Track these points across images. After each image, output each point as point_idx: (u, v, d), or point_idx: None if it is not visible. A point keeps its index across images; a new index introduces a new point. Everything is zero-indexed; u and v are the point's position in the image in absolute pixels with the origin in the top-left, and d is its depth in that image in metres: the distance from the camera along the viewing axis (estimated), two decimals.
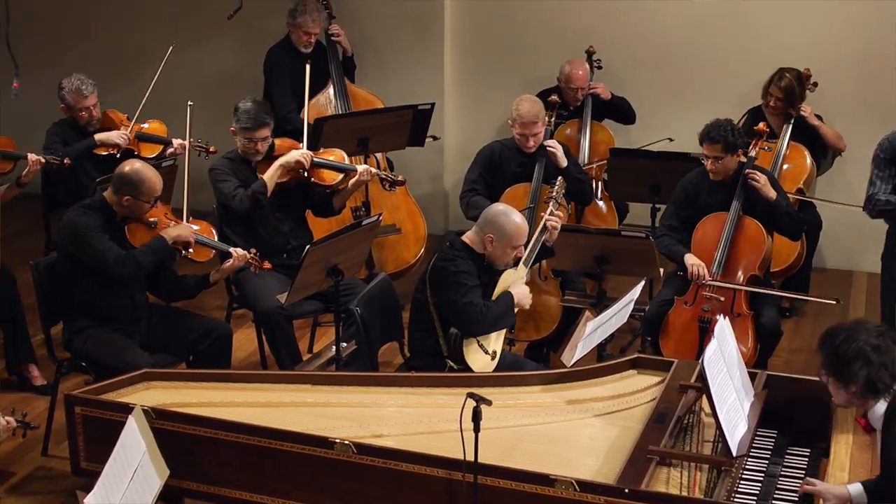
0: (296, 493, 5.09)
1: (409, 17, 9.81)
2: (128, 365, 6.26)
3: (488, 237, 6.28)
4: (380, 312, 6.63)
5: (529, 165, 7.74)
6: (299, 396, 5.55)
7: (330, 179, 7.50)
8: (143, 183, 6.62)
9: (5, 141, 7.78)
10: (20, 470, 6.85)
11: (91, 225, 6.61)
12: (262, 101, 7.48)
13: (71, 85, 7.98)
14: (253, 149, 7.36)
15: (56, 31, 10.45)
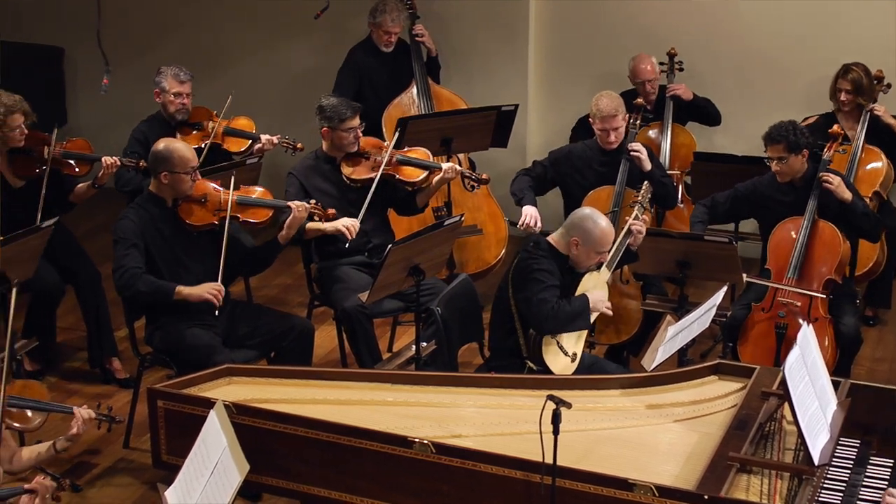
0: (374, 491, 5.10)
1: (494, 19, 9.80)
2: (209, 360, 6.32)
3: (574, 240, 6.27)
4: (460, 313, 6.64)
5: (611, 166, 7.70)
6: (379, 395, 5.57)
7: (414, 177, 7.51)
8: (172, 154, 6.72)
9: (82, 143, 7.84)
10: (102, 461, 6.93)
11: (124, 230, 6.71)
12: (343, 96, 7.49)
13: (170, 69, 8.05)
14: (350, 139, 7.38)
15: (145, 28, 10.55)
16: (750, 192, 7.42)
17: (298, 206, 6.90)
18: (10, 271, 6.79)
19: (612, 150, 7.72)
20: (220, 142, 8.09)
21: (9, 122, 7.45)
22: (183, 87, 8.07)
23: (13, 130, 7.47)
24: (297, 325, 6.91)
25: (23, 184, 7.61)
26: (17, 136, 7.50)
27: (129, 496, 6.61)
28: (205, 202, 6.84)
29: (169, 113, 8.11)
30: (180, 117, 8.12)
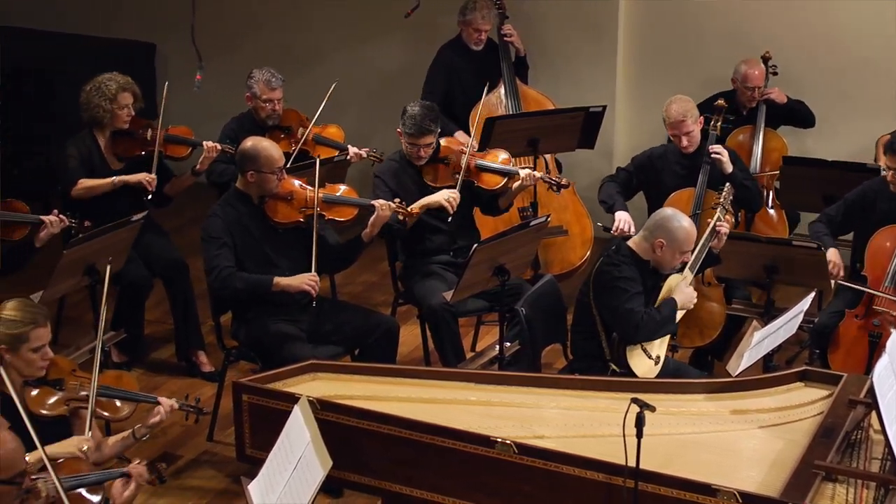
0: (455, 489, 5.10)
1: (582, 19, 9.76)
2: (294, 356, 6.35)
3: (658, 242, 6.23)
4: (544, 313, 6.63)
5: (691, 168, 7.66)
6: (462, 394, 5.57)
7: (493, 184, 7.48)
8: (260, 154, 6.77)
9: (184, 129, 7.97)
10: (186, 454, 7.00)
11: (213, 228, 6.78)
12: (430, 105, 7.48)
13: (261, 75, 8.12)
14: (416, 154, 7.39)
15: (236, 25, 10.63)
16: (860, 199, 7.32)
17: (382, 205, 6.93)
18: (101, 264, 6.88)
19: (691, 153, 7.68)
20: (310, 149, 8.14)
21: (119, 99, 7.61)
22: (274, 94, 8.14)
23: (122, 109, 7.62)
24: (382, 322, 6.93)
25: (122, 166, 7.74)
26: (124, 116, 7.65)
27: (212, 489, 6.67)
28: (291, 200, 6.88)
29: (260, 117, 8.19)
30: (271, 122, 8.19)
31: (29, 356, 5.11)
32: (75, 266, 6.80)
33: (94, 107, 7.64)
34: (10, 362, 5.11)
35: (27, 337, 5.09)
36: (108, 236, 6.87)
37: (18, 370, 5.14)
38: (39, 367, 5.17)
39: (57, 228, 7.05)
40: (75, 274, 6.86)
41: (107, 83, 7.64)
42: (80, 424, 5.27)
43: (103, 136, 7.74)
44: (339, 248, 7.10)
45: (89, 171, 7.66)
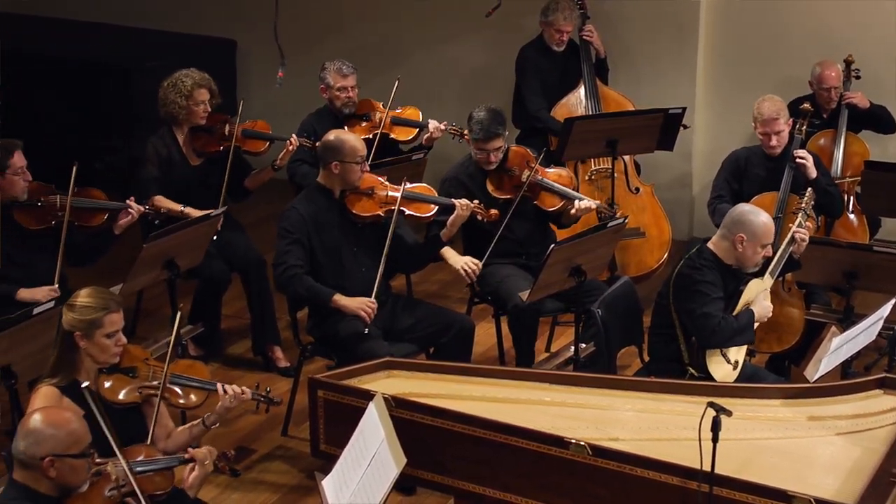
0: (528, 490, 5.09)
1: (664, 21, 9.72)
2: (369, 353, 6.37)
3: (739, 237, 6.19)
4: (620, 315, 6.60)
5: (776, 171, 7.60)
6: (536, 395, 5.56)
7: (551, 204, 7.42)
8: (343, 144, 6.80)
9: (262, 124, 8.02)
10: (261, 448, 7.04)
11: (291, 222, 6.82)
12: (497, 109, 7.42)
13: (333, 65, 8.17)
14: (485, 159, 7.37)
15: (317, 22, 10.68)
16: None
17: (463, 205, 6.93)
18: (180, 258, 6.95)
19: (776, 156, 7.62)
20: (389, 131, 8.17)
21: (195, 95, 7.67)
22: (347, 81, 8.18)
23: (198, 105, 7.69)
24: (458, 321, 6.94)
25: (200, 161, 7.81)
26: (200, 112, 7.72)
27: (285, 483, 6.71)
28: (372, 194, 6.91)
29: (336, 107, 8.22)
30: (347, 111, 8.22)
31: (103, 342, 5.16)
32: (154, 260, 6.86)
33: (170, 103, 7.71)
34: (84, 349, 5.17)
35: (101, 322, 5.14)
36: (187, 231, 6.92)
37: (93, 357, 5.20)
38: (113, 354, 5.22)
39: (137, 216, 7.12)
40: (154, 268, 6.93)
41: (182, 80, 7.71)
42: (152, 412, 5.33)
43: (182, 132, 7.81)
44: (417, 247, 7.11)
45: (168, 168, 7.73)
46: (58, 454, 4.43)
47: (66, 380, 5.14)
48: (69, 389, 5.12)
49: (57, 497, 4.50)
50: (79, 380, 5.15)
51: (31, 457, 4.44)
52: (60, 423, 4.49)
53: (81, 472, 4.53)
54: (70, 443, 4.47)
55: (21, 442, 4.47)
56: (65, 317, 5.18)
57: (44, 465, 4.43)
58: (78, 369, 5.19)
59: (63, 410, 4.63)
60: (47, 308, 5.89)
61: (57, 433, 4.45)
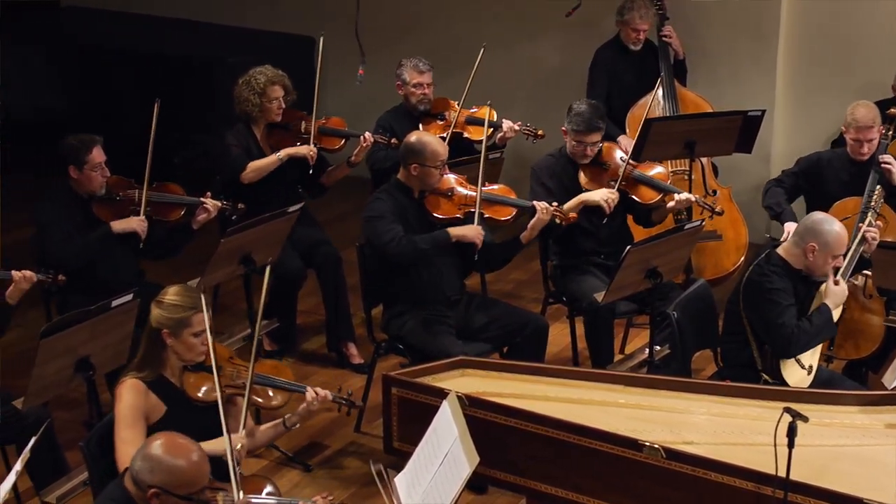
0: (600, 491, 5.08)
1: (744, 23, 9.64)
2: (443, 351, 6.39)
3: (810, 246, 6.13)
4: (696, 318, 6.56)
5: (859, 176, 7.51)
6: (611, 396, 5.55)
7: (648, 197, 7.40)
8: (425, 148, 6.81)
9: (337, 120, 8.05)
10: (334, 444, 7.08)
11: (380, 209, 6.82)
12: (597, 104, 7.45)
13: (409, 62, 8.20)
14: (582, 152, 7.36)
15: (396, 21, 10.70)
16: None
17: (543, 208, 6.91)
18: (256, 253, 7.00)
19: (862, 161, 7.54)
20: (463, 130, 8.17)
21: (269, 92, 7.72)
22: (423, 78, 8.20)
23: (271, 102, 7.73)
24: (532, 321, 6.93)
25: None
26: (274, 109, 7.76)
27: (357, 479, 6.73)
28: (451, 196, 6.91)
29: (411, 104, 8.25)
30: (422, 108, 8.24)
31: (190, 340, 5.20)
32: (232, 255, 6.92)
33: (244, 101, 7.76)
34: (171, 346, 5.21)
35: (189, 321, 5.18)
36: (264, 227, 6.97)
37: (179, 354, 5.25)
38: (199, 353, 5.26)
39: (214, 212, 7.18)
40: (231, 262, 6.98)
41: (256, 77, 7.76)
42: (236, 412, 5.35)
43: (258, 128, 7.86)
44: (496, 248, 7.09)
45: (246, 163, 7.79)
46: (166, 490, 4.41)
47: (153, 375, 5.19)
48: (155, 385, 5.17)
49: None
50: (165, 376, 5.20)
51: (142, 480, 4.44)
52: (181, 459, 4.45)
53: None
54: (182, 483, 4.43)
55: (138, 461, 4.47)
56: (153, 313, 5.23)
57: (149, 495, 4.42)
58: (164, 365, 5.25)
59: (190, 447, 4.54)
60: (126, 300, 5.95)
61: (173, 470, 4.42)
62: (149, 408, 5.19)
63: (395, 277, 6.85)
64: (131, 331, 6.14)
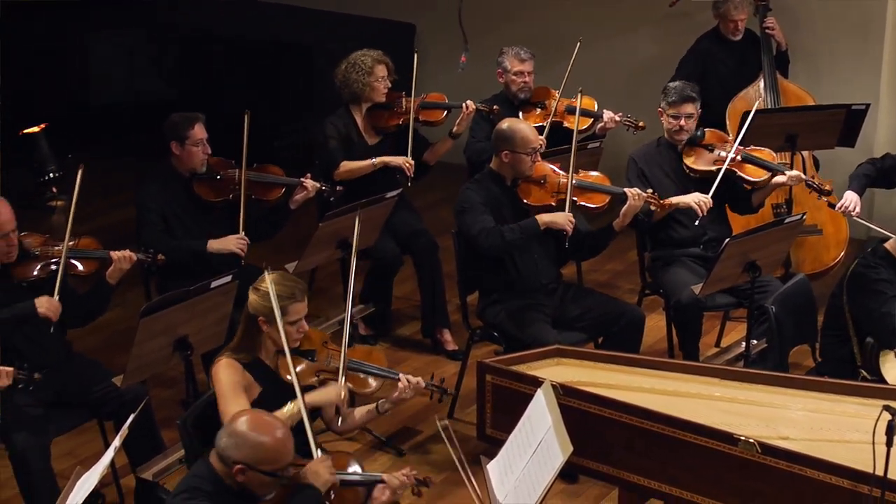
0: (694, 484, 5.04)
1: (848, 16, 9.52)
2: (538, 340, 6.39)
3: None
4: (794, 313, 6.50)
5: None
6: (706, 389, 5.50)
7: (756, 176, 7.37)
8: (515, 134, 6.80)
9: (437, 95, 8.08)
10: (426, 429, 7.10)
11: (471, 199, 6.83)
12: (688, 81, 7.44)
13: (511, 50, 8.22)
14: (677, 126, 7.32)
15: (496, 9, 10.70)
16: None
17: (635, 195, 6.87)
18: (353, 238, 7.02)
19: None
20: (562, 120, 8.15)
21: (376, 71, 7.79)
22: (524, 66, 8.19)
23: (378, 81, 7.80)
24: (628, 311, 6.90)
25: (378, 140, 7.90)
26: (381, 88, 7.82)
27: (449, 465, 6.69)
28: (544, 183, 6.91)
29: (511, 92, 8.25)
30: (522, 96, 8.24)
31: (285, 329, 5.24)
32: (329, 239, 6.96)
33: (352, 82, 7.81)
34: (267, 333, 5.26)
35: (285, 311, 5.22)
36: (362, 211, 7.00)
37: (274, 341, 5.29)
38: (294, 340, 5.30)
39: (313, 192, 7.23)
40: (328, 247, 7.02)
41: (362, 58, 7.82)
42: None
43: (360, 111, 7.91)
44: (590, 236, 7.07)
45: (347, 147, 7.83)
46: (251, 466, 4.47)
47: (249, 357, 5.24)
48: (251, 366, 5.21)
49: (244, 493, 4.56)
50: (260, 358, 5.25)
51: (227, 457, 4.50)
52: (265, 436, 4.51)
53: (269, 487, 4.56)
54: (267, 459, 4.49)
55: (223, 437, 4.53)
56: (250, 299, 5.28)
57: (234, 470, 4.48)
58: (259, 348, 5.30)
59: (274, 424, 4.62)
60: (225, 282, 6.01)
61: (257, 446, 4.48)
62: (245, 386, 5.24)
63: (491, 265, 6.85)
64: (229, 312, 6.21)
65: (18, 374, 5.48)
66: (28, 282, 6.10)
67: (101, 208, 10.04)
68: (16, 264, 6.09)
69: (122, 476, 6.45)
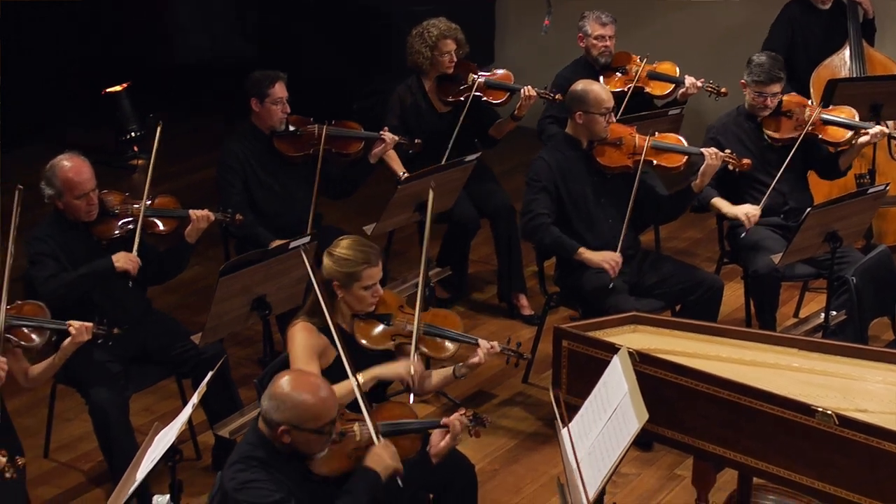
0: (769, 455, 5.00)
1: None
2: (615, 306, 6.37)
3: None
4: (875, 284, 6.43)
5: None
6: (784, 360, 5.45)
7: (838, 137, 7.27)
8: (588, 94, 6.77)
9: (505, 75, 8.02)
10: (501, 393, 7.12)
11: (538, 171, 6.85)
12: (777, 56, 7.34)
13: (592, 13, 8.16)
14: (762, 104, 7.25)
15: None
16: None
17: (713, 154, 6.81)
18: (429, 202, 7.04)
19: None
20: (644, 85, 8.09)
21: (440, 46, 7.75)
22: (605, 30, 8.14)
23: (442, 55, 7.76)
24: (707, 280, 6.85)
25: (447, 110, 7.88)
26: (445, 62, 7.79)
27: (523, 430, 6.76)
28: (620, 145, 6.87)
29: (592, 56, 8.20)
30: (603, 60, 8.18)
31: (360, 293, 5.25)
32: (407, 202, 6.97)
33: (415, 53, 7.81)
34: (341, 298, 5.28)
35: (359, 276, 5.23)
36: (441, 175, 7.01)
37: (349, 305, 5.31)
38: (369, 304, 5.31)
39: (391, 145, 7.25)
40: (407, 210, 7.04)
41: (429, 30, 7.78)
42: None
43: (429, 80, 7.89)
44: (668, 199, 7.02)
45: (416, 116, 7.83)
46: (294, 426, 4.46)
47: (323, 322, 5.25)
48: (326, 330, 5.22)
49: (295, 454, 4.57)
50: (336, 322, 5.27)
51: (271, 419, 4.49)
52: (306, 394, 4.48)
53: (317, 445, 4.54)
54: (310, 417, 4.46)
55: (266, 401, 4.53)
56: (325, 263, 5.29)
57: (279, 432, 4.48)
58: (335, 311, 5.30)
59: (315, 382, 4.60)
60: (303, 243, 6.04)
61: (299, 405, 4.46)
62: (320, 350, 5.27)
63: (568, 231, 6.83)
64: (307, 274, 6.24)
65: (98, 330, 5.56)
66: (109, 240, 6.17)
67: (182, 168, 10.13)
68: (97, 223, 6.15)
69: (199, 433, 6.53)
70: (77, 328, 5.48)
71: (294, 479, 4.52)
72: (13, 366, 5.54)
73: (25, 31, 10.45)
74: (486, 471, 6.33)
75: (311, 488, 4.57)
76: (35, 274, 5.98)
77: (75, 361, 5.70)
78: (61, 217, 6.09)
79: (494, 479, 6.34)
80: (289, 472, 4.53)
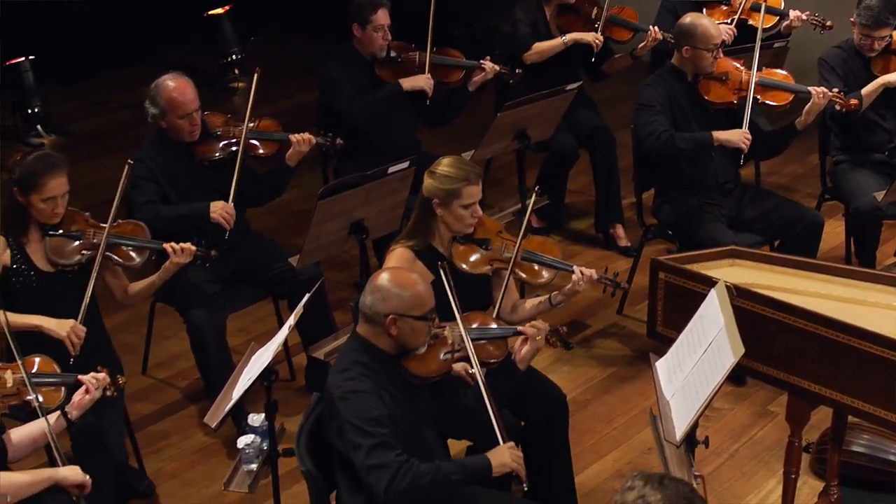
0: (864, 393, 4.94)
1: None
2: (713, 240, 6.32)
3: None
4: None
5: None
6: (883, 298, 5.37)
7: None
8: (696, 29, 6.69)
9: (629, 12, 7.93)
10: (595, 324, 7.12)
11: (650, 97, 6.77)
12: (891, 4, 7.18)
13: None
14: (869, 46, 7.11)
15: None
16: None
17: (820, 93, 6.70)
18: (532, 129, 7.02)
19: None
20: (747, 17, 7.97)
21: None
22: None
23: None
24: (807, 216, 6.78)
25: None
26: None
27: (616, 361, 6.77)
28: (725, 80, 6.78)
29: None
30: None
31: (459, 212, 5.25)
32: (507, 129, 6.95)
33: None
34: (441, 216, 5.28)
35: (459, 193, 5.23)
36: (541, 104, 6.98)
37: (448, 225, 5.31)
38: (468, 224, 5.31)
39: (491, 74, 7.23)
40: (506, 137, 7.01)
41: None
42: (500, 284, 5.42)
43: (550, 7, 7.82)
44: (771, 135, 6.93)
45: (535, 37, 7.77)
46: (400, 313, 4.54)
47: (421, 245, 5.26)
48: (423, 254, 5.24)
49: (395, 355, 4.65)
50: (433, 245, 5.28)
51: (376, 313, 4.57)
52: (407, 284, 4.58)
53: (420, 335, 4.63)
54: (413, 304, 4.56)
55: (368, 297, 4.60)
56: (425, 182, 5.30)
57: (386, 322, 4.55)
58: (433, 235, 5.31)
59: (411, 273, 4.71)
60: (402, 167, 6.06)
61: (402, 293, 4.55)
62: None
63: (669, 162, 6.78)
64: (405, 198, 6.26)
65: (197, 251, 5.62)
66: (210, 161, 6.22)
67: (283, 91, 10.17)
68: (199, 143, 6.21)
69: (294, 354, 6.61)
70: (177, 250, 5.56)
71: (395, 383, 4.58)
72: (113, 282, 5.65)
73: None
74: (578, 400, 6.34)
75: (409, 393, 4.63)
76: (134, 197, 6.06)
77: (174, 281, 5.78)
78: (164, 137, 6.16)
79: (586, 409, 6.35)
80: (391, 375, 4.59)
